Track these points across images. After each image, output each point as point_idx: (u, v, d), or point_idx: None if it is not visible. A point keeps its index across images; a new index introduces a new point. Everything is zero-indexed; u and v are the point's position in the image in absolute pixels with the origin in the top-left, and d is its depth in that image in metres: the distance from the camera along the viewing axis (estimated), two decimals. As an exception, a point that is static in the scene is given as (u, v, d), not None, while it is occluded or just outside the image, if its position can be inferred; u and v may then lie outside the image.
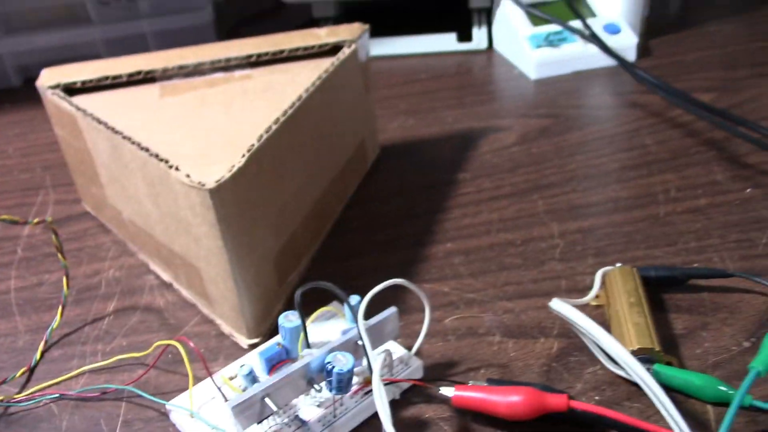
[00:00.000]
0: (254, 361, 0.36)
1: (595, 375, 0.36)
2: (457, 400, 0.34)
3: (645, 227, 0.46)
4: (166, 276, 0.45)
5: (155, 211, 0.41)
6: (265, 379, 0.32)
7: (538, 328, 0.39)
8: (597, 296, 0.40)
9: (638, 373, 0.29)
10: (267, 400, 0.31)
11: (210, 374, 0.34)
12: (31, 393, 0.38)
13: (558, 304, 0.34)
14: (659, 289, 0.41)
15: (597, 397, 0.35)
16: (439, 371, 0.37)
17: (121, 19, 0.77)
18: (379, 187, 0.54)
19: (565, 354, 0.37)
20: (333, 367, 0.32)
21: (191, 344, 0.35)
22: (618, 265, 0.41)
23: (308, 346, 0.35)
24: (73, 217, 0.53)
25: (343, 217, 0.50)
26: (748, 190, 0.49)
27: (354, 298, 0.36)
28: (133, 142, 0.39)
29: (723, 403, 0.33)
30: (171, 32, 0.78)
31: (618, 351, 0.30)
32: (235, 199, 0.36)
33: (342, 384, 0.32)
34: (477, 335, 0.39)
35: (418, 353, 0.38)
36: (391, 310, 0.35)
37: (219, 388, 0.34)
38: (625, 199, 0.49)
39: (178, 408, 0.34)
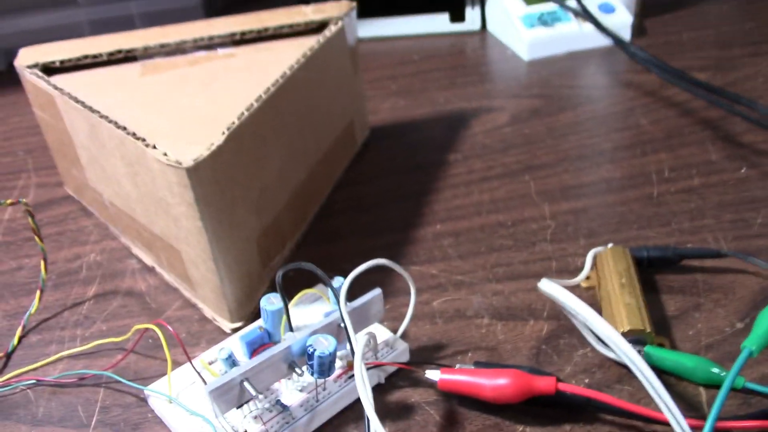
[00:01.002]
0: (235, 345, 0.35)
1: (585, 357, 0.35)
2: (442, 384, 0.33)
3: (638, 208, 0.45)
4: (148, 259, 0.44)
5: (134, 191, 0.39)
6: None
7: (527, 310, 0.38)
8: (588, 277, 0.39)
9: (628, 354, 0.28)
10: (246, 384, 0.30)
11: (189, 359, 0.33)
12: (8, 379, 0.37)
13: (547, 285, 0.33)
14: (652, 270, 0.40)
15: (587, 380, 0.34)
16: (425, 354, 0.36)
17: (107, 1, 0.76)
18: (368, 168, 0.53)
19: (554, 336, 0.37)
20: (314, 350, 0.31)
21: (170, 328, 0.34)
22: (610, 245, 0.40)
23: (291, 329, 0.34)
24: (55, 200, 0.52)
25: (331, 199, 0.49)
26: (743, 170, 0.48)
27: (338, 280, 0.35)
28: (110, 121, 0.38)
29: (715, 385, 0.33)
30: (158, 14, 0.77)
31: (607, 332, 0.29)
32: (214, 177, 0.35)
33: (324, 368, 0.31)
34: (465, 318, 0.38)
35: (404, 336, 0.37)
36: (375, 291, 0.34)
37: (198, 373, 0.33)
38: (618, 180, 0.48)
39: (156, 393, 0.33)
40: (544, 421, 0.32)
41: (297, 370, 0.32)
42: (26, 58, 0.47)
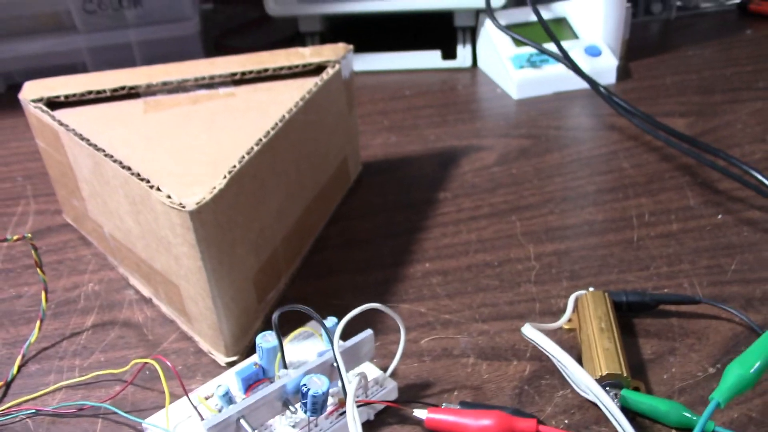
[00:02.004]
0: (231, 380, 0.37)
1: (566, 398, 0.37)
2: (429, 423, 0.34)
3: (619, 251, 0.47)
4: (145, 291, 0.46)
5: (136, 227, 0.41)
6: (241, 399, 0.32)
7: (511, 351, 0.40)
8: (570, 320, 0.41)
9: (603, 400, 0.30)
10: (242, 421, 0.31)
11: (186, 393, 0.35)
12: (7, 408, 0.38)
13: (529, 330, 0.35)
14: (630, 314, 0.42)
15: (566, 421, 0.36)
16: (413, 392, 0.38)
17: (107, 28, 0.77)
18: (360, 204, 0.54)
19: (536, 377, 0.38)
20: (308, 389, 0.32)
21: (168, 363, 0.35)
22: (590, 289, 0.42)
23: (285, 366, 0.36)
24: (53, 228, 0.53)
25: (324, 234, 0.51)
26: (719, 216, 0.50)
27: (331, 320, 0.36)
28: (115, 160, 0.40)
29: (687, 429, 0.34)
30: (157, 42, 0.79)
31: (584, 379, 0.31)
32: (216, 220, 0.36)
33: (317, 406, 0.32)
34: (452, 356, 0.40)
35: (393, 374, 0.38)
36: (367, 332, 0.36)
37: (195, 407, 0.35)
38: (600, 222, 0.50)
39: (154, 427, 0.35)
40: (525, 461, 0.34)
41: (291, 407, 0.33)
42: (31, 91, 0.48)
